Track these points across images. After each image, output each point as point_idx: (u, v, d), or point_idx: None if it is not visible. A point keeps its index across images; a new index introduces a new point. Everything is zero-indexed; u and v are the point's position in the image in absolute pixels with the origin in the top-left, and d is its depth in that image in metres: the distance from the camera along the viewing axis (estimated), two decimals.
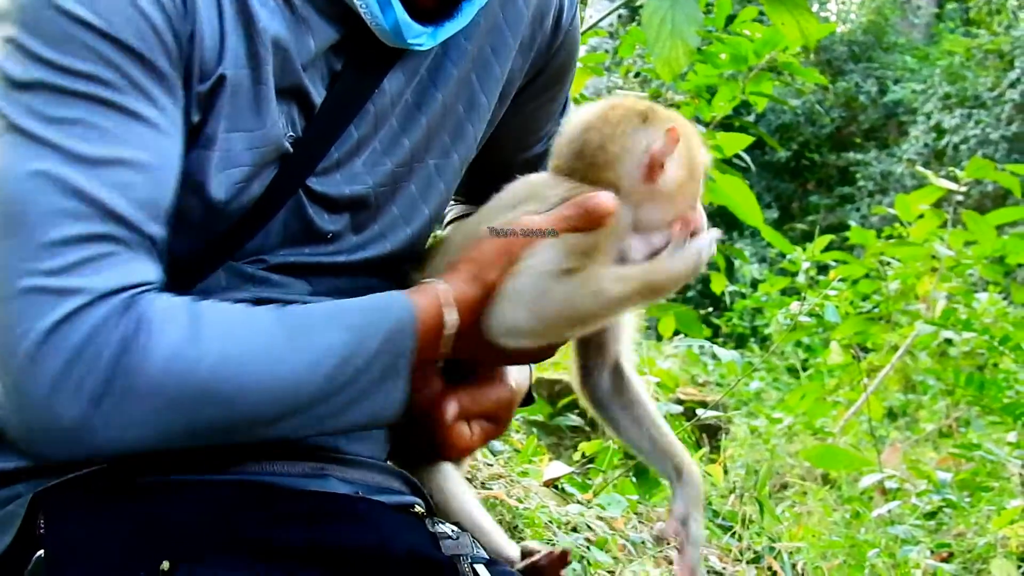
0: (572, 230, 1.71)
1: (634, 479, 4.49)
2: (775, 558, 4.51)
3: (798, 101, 21.05)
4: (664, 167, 1.77)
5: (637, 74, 7.24)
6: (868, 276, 9.38)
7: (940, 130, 21.67)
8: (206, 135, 1.69)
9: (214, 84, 1.67)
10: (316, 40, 1.78)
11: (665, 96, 5.84)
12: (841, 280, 9.29)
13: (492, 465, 4.24)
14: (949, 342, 9.15)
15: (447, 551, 1.81)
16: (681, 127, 1.80)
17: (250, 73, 1.71)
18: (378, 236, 1.92)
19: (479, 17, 1.94)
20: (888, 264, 9.17)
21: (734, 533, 4.57)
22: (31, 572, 1.65)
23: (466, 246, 1.80)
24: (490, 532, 1.98)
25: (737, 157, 5.88)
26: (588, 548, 3.67)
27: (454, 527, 1.89)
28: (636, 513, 4.46)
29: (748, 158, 6.12)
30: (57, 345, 1.53)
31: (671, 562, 4.09)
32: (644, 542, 4.09)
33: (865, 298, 10.18)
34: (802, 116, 23.25)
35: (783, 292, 12.49)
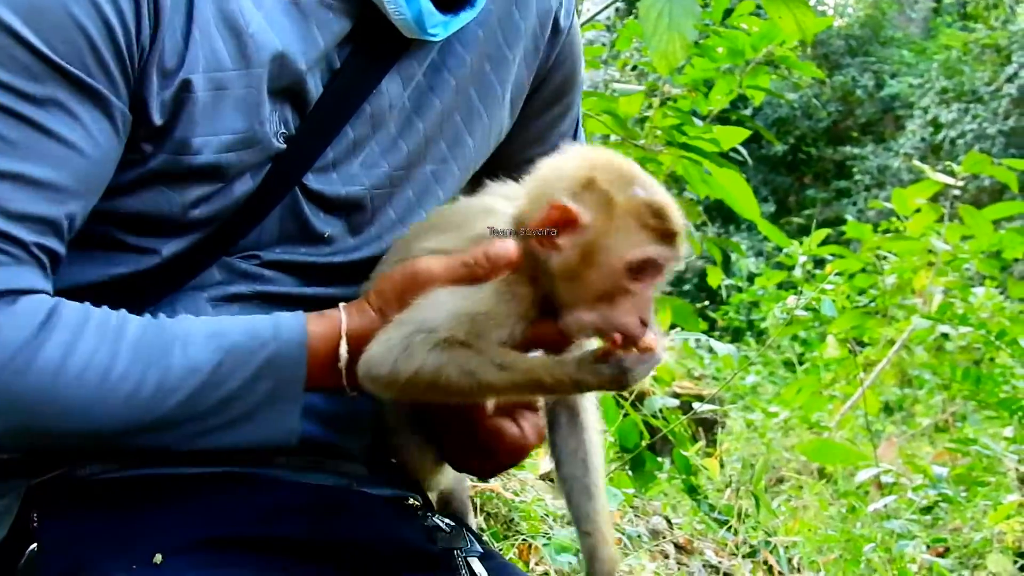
0: (470, 277, 1.65)
1: (630, 473, 4.49)
2: (771, 552, 4.51)
3: (795, 95, 21.01)
4: (556, 245, 1.62)
5: (634, 68, 7.22)
6: (864, 270, 9.38)
7: (937, 124, 21.68)
8: (176, 140, 1.68)
9: (179, 89, 1.67)
10: (324, 36, 1.79)
11: (662, 89, 5.83)
12: (838, 274, 9.26)
13: None
14: (945, 336, 9.16)
15: (441, 544, 1.84)
16: (627, 202, 1.60)
17: (235, 77, 1.70)
18: (375, 239, 1.92)
19: (478, 29, 1.96)
20: (885, 258, 9.17)
21: (730, 527, 4.57)
22: (24, 565, 1.68)
23: (382, 272, 1.79)
24: None
25: (734, 151, 5.87)
26: None
27: (448, 521, 1.89)
28: (632, 507, 4.46)
29: (745, 152, 6.11)
30: None
31: (667, 556, 4.09)
32: (640, 536, 4.09)
33: (861, 292, 10.18)
34: (799, 110, 23.24)
35: (779, 286, 12.48)
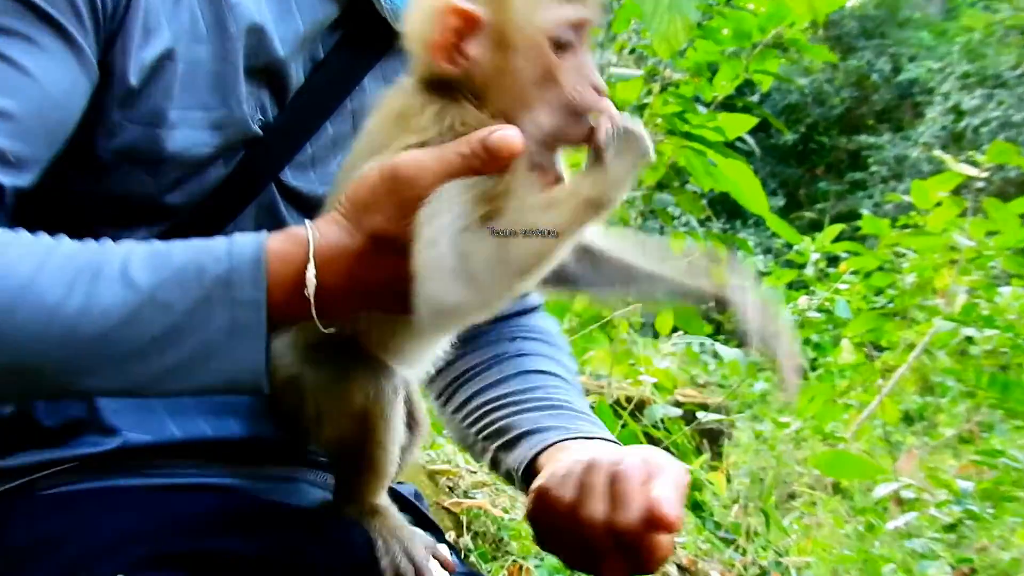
0: (468, 170, 1.55)
1: None
2: (782, 574, 4.51)
3: (806, 80, 21.09)
4: (468, 56, 1.57)
5: (633, 51, 7.23)
6: (882, 269, 9.39)
7: (959, 111, 21.74)
8: (151, 111, 1.70)
9: (161, 57, 1.69)
10: (304, 18, 1.82)
11: (663, 74, 5.83)
12: (852, 273, 9.29)
13: (476, 473, 4.23)
14: (970, 340, 9.16)
15: None
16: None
17: (212, 49, 1.74)
18: None
19: None
20: (903, 256, 9.18)
21: (738, 547, 4.57)
22: None
23: (357, 169, 1.62)
24: None
25: (740, 140, 5.89)
26: None
27: (425, 534, 1.91)
28: None
29: (752, 141, 6.13)
30: None
31: None
32: None
33: (879, 292, 10.18)
34: (810, 96, 23.31)
35: (790, 286, 12.49)
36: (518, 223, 1.52)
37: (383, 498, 1.87)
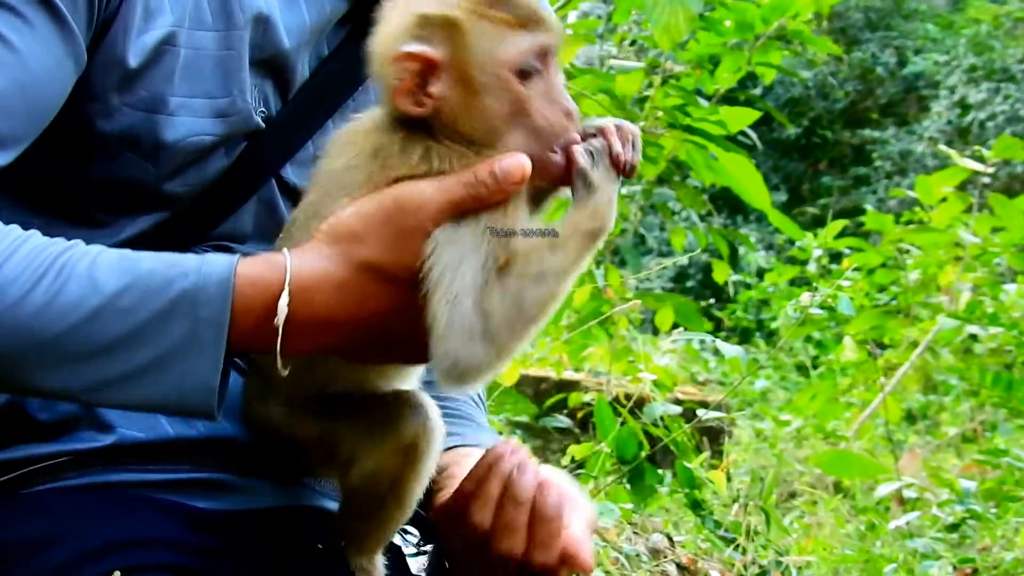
0: (476, 199, 1.55)
1: (628, 486, 4.49)
2: (782, 573, 4.51)
3: (809, 73, 21.06)
4: (432, 97, 1.57)
5: (633, 42, 7.23)
6: (885, 265, 9.40)
7: (965, 105, 21.71)
8: (151, 96, 1.71)
9: (162, 41, 1.70)
10: (311, 11, 1.84)
11: (663, 66, 5.83)
12: (856, 269, 9.28)
13: None
14: (974, 338, 9.17)
15: (415, 568, 1.91)
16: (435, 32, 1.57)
17: (217, 37, 1.75)
18: None
19: None
20: (907, 252, 9.19)
21: (738, 546, 4.57)
22: None
23: (327, 208, 1.62)
24: None
25: (742, 134, 5.89)
26: None
27: (423, 539, 1.96)
28: (630, 523, 4.46)
29: (754, 135, 6.13)
30: None
31: None
32: (639, 555, 4.09)
33: (882, 289, 10.21)
34: (813, 89, 23.27)
35: (792, 282, 12.52)
36: (529, 270, 1.53)
37: (379, 560, 1.86)
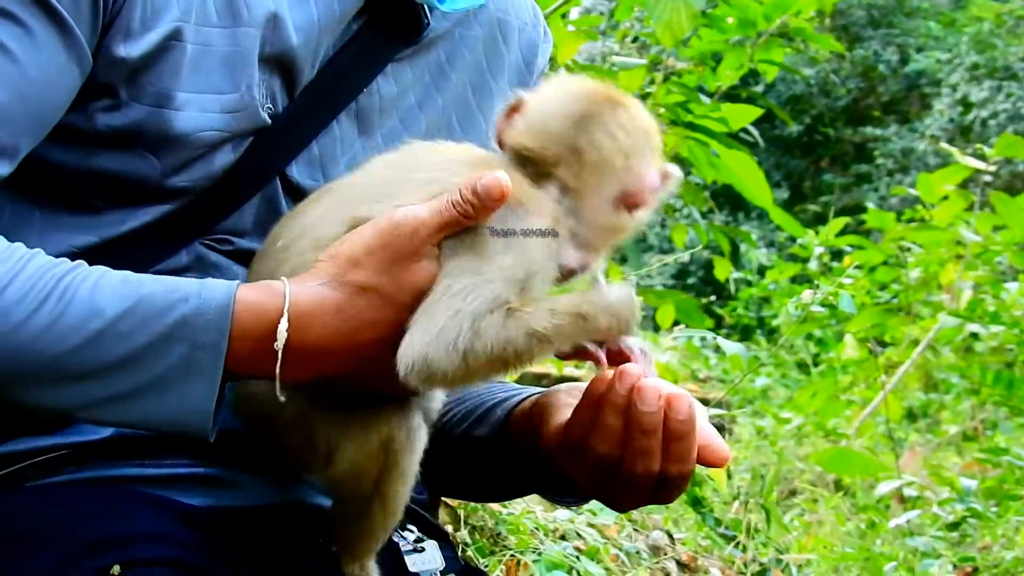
0: (464, 217, 1.61)
1: None
2: (783, 571, 4.53)
3: (811, 70, 21.06)
4: (641, 207, 1.71)
5: (635, 39, 7.23)
6: (887, 263, 9.41)
7: (967, 103, 21.71)
8: (158, 91, 1.71)
9: (168, 36, 1.70)
10: (319, 8, 1.84)
11: (666, 63, 5.84)
12: (857, 267, 9.28)
13: None
14: (975, 336, 9.19)
15: (413, 566, 1.90)
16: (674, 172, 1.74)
17: (224, 33, 1.75)
18: None
19: (465, 50, 2.05)
20: (909, 250, 9.19)
21: (738, 543, 4.59)
22: None
23: (324, 234, 1.67)
24: None
25: (744, 131, 5.89)
26: (578, 558, 3.68)
27: (421, 535, 1.95)
28: (631, 520, 4.47)
29: (756, 132, 6.13)
30: None
31: (669, 574, 4.11)
32: (639, 552, 4.10)
33: (883, 287, 10.21)
34: (815, 87, 23.27)
35: (793, 280, 12.53)
36: (526, 323, 1.59)
37: (371, 566, 1.85)
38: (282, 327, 1.57)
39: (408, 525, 1.97)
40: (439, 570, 1.92)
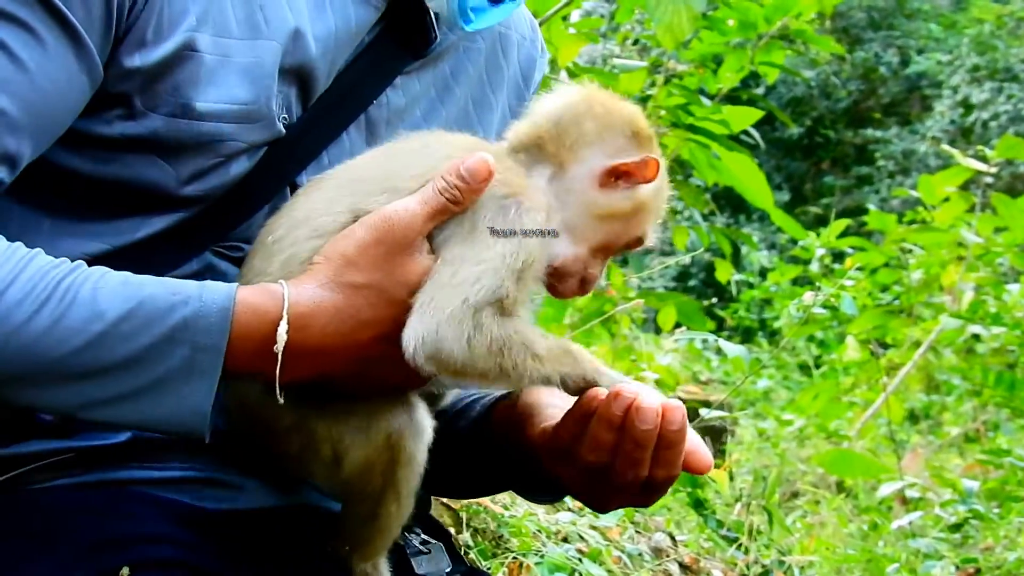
0: (452, 202, 1.65)
1: None
2: (785, 573, 4.52)
3: (812, 72, 21.07)
4: (618, 186, 1.75)
5: (636, 41, 7.24)
6: (888, 265, 9.41)
7: (968, 105, 21.71)
8: (177, 101, 1.72)
9: (184, 47, 1.70)
10: (337, 19, 1.85)
11: (667, 65, 5.84)
12: (858, 269, 9.28)
13: None
14: (977, 338, 9.18)
15: (419, 568, 1.91)
16: (661, 174, 1.80)
17: (243, 45, 1.76)
18: None
19: (468, 64, 2.07)
20: (910, 252, 9.19)
21: (740, 545, 4.58)
22: None
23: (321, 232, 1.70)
24: None
25: (745, 133, 5.89)
26: (580, 560, 3.68)
27: (427, 537, 1.95)
28: (633, 522, 4.47)
29: (757, 134, 6.14)
30: None
31: None
32: (642, 554, 4.10)
33: (884, 289, 10.21)
34: (816, 89, 23.28)
35: (794, 282, 12.53)
36: (524, 334, 1.63)
37: (383, 565, 1.86)
38: (282, 329, 1.59)
39: (414, 527, 1.97)
40: (445, 572, 1.92)
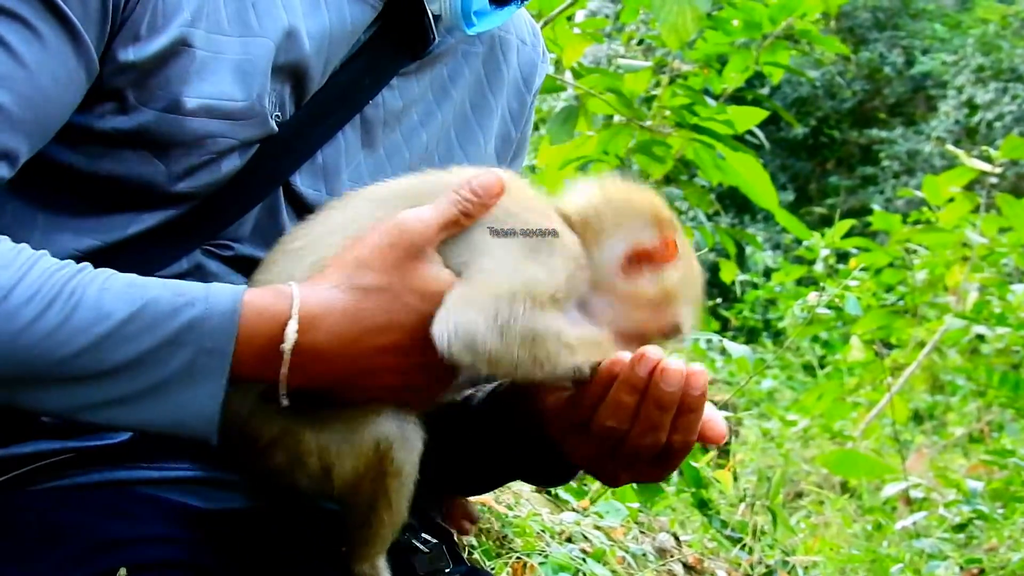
0: (464, 215, 1.66)
1: (635, 485, 4.49)
2: (789, 573, 4.52)
3: (817, 72, 21.05)
4: (641, 271, 1.75)
5: (641, 41, 7.25)
6: (892, 265, 9.41)
7: (973, 105, 21.69)
8: (168, 96, 1.71)
9: (176, 42, 1.71)
10: (332, 17, 1.85)
11: (671, 65, 5.85)
12: (863, 269, 9.29)
13: None
14: (981, 338, 9.18)
15: (421, 567, 1.90)
16: (684, 253, 1.78)
17: (235, 42, 1.75)
18: None
19: (465, 67, 2.07)
20: (915, 252, 9.19)
21: (744, 545, 4.58)
22: None
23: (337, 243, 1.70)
24: None
25: (750, 133, 5.90)
26: (584, 560, 3.68)
27: (428, 537, 1.95)
28: (637, 523, 4.47)
29: (762, 134, 6.14)
30: None
31: None
32: (646, 554, 4.10)
33: (889, 289, 10.20)
34: (821, 89, 23.26)
35: (799, 282, 12.52)
36: (557, 326, 1.64)
37: (381, 564, 1.85)
38: (291, 328, 1.58)
39: (415, 526, 1.97)
40: (446, 572, 1.92)
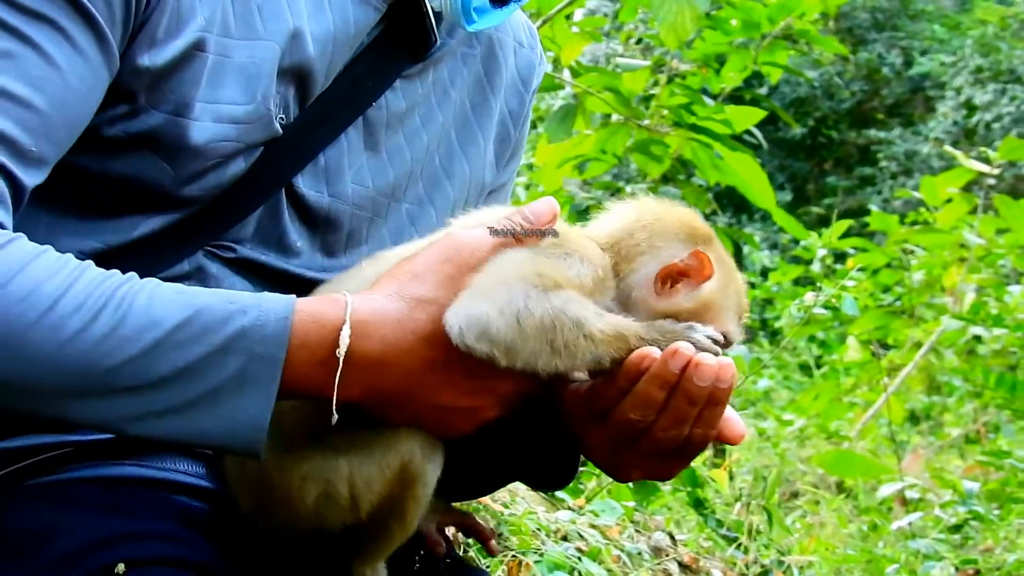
0: (515, 238, 1.67)
1: (630, 484, 4.50)
2: (784, 573, 4.52)
3: (815, 73, 21.07)
4: (677, 288, 1.75)
5: (639, 40, 7.26)
6: (890, 266, 9.41)
7: (971, 106, 21.71)
8: (176, 100, 1.72)
9: (192, 46, 1.71)
10: (336, 18, 1.85)
11: (670, 65, 5.85)
12: (860, 270, 9.30)
13: None
14: (978, 339, 9.19)
15: (416, 566, 1.93)
16: (723, 264, 1.78)
17: (241, 45, 1.76)
18: (344, 268, 1.94)
19: (464, 68, 2.08)
20: (912, 253, 9.19)
21: (740, 545, 4.58)
22: None
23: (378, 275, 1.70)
24: None
25: (748, 133, 5.89)
26: (579, 559, 3.68)
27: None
28: (632, 521, 4.47)
29: (760, 134, 6.13)
30: None
31: (670, 575, 4.10)
32: (641, 553, 4.10)
33: (886, 290, 10.20)
34: (819, 89, 23.27)
35: (796, 282, 12.52)
36: (573, 306, 1.63)
37: (381, 569, 1.85)
38: (344, 333, 1.57)
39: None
40: (442, 570, 1.92)
